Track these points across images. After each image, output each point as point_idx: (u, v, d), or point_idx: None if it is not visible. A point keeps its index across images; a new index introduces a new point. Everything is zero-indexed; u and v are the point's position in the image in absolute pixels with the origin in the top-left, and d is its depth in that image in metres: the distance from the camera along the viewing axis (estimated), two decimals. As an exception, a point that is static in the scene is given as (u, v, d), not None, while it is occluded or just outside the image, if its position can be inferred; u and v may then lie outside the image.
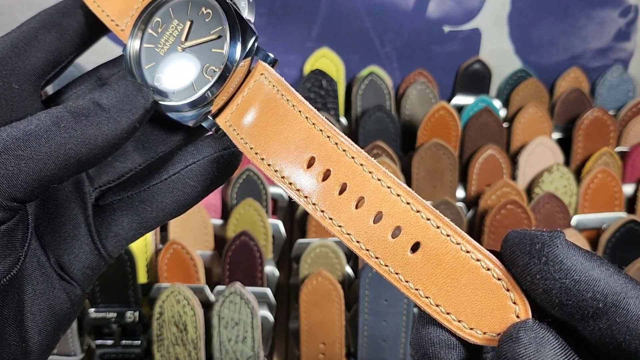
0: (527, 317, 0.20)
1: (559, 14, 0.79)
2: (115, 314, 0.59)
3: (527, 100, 0.78)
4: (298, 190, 0.24)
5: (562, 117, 0.78)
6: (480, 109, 0.74)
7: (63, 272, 0.27)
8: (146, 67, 0.28)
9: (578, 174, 0.72)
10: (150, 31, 0.28)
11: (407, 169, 0.70)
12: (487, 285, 0.21)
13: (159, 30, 0.27)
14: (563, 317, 0.19)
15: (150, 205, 0.27)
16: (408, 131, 0.76)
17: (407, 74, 0.81)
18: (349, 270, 0.62)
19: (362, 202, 0.23)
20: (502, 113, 0.80)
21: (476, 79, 0.81)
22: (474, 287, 0.21)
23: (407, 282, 0.22)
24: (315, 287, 0.59)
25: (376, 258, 0.22)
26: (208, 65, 0.26)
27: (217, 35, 0.26)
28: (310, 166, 0.24)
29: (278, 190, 0.69)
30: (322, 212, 0.23)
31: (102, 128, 0.24)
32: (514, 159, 0.72)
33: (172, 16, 0.27)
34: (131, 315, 0.59)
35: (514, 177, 0.72)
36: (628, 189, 0.72)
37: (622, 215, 0.69)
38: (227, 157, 0.27)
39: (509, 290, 0.20)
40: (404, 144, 0.76)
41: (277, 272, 0.65)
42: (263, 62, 0.26)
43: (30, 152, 0.22)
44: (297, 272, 0.63)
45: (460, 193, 0.72)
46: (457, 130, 0.73)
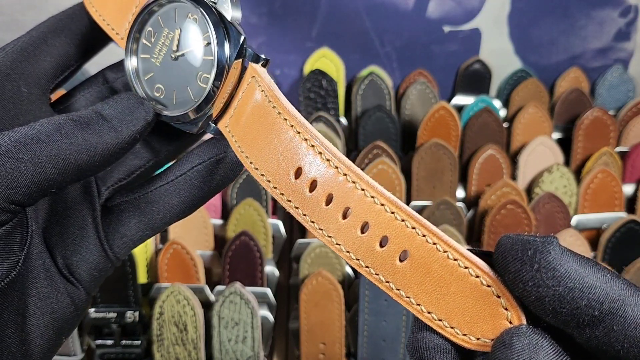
0: (519, 322, 0.19)
1: (559, 14, 0.79)
2: (115, 314, 0.59)
3: (527, 100, 0.78)
4: (289, 201, 0.24)
5: (562, 117, 0.78)
6: (480, 109, 0.74)
7: (70, 274, 0.27)
8: (145, 78, 0.28)
9: (578, 174, 0.72)
10: (144, 41, 0.28)
11: (407, 169, 0.70)
12: (477, 292, 0.20)
13: (152, 40, 0.27)
14: (557, 324, 0.19)
15: (157, 206, 0.28)
16: (408, 131, 0.76)
17: (407, 74, 0.81)
18: (349, 270, 0.62)
19: (348, 212, 0.23)
20: (502, 113, 0.80)
21: (476, 79, 0.81)
22: (464, 295, 0.21)
23: (399, 290, 0.22)
24: (315, 287, 0.59)
25: (367, 267, 0.22)
26: (201, 73, 0.26)
27: (206, 42, 0.26)
28: (297, 177, 0.24)
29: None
30: (313, 222, 0.23)
31: (103, 137, 0.24)
32: (514, 159, 0.72)
33: (162, 25, 0.27)
34: (131, 315, 0.59)
35: (514, 177, 0.72)
36: (628, 189, 0.72)
37: (622, 215, 0.69)
38: (233, 158, 0.28)
39: (499, 297, 0.20)
40: (404, 144, 0.76)
41: (277, 272, 0.65)
42: (254, 63, 0.26)
43: (30, 155, 0.22)
44: (297, 272, 0.63)
45: (460, 193, 0.72)
46: (457, 130, 0.72)
